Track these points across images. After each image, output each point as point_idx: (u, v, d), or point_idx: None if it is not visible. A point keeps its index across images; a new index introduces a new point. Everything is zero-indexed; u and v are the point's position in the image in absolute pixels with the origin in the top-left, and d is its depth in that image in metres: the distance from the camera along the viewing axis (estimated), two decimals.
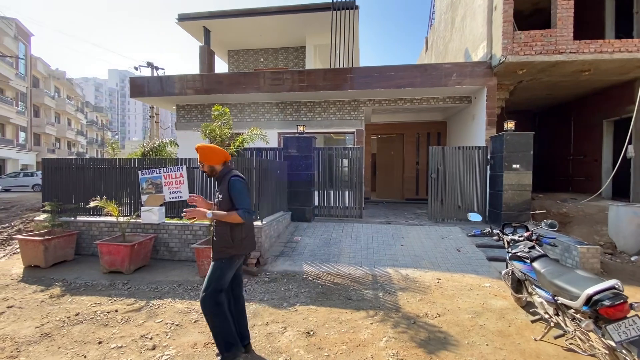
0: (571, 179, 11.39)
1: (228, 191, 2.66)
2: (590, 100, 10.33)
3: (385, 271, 5.00)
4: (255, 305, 3.88)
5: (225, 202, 2.69)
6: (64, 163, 6.32)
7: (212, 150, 2.75)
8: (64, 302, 4.02)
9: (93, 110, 48.17)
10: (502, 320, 3.50)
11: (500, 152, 6.93)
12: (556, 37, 7.54)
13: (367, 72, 8.79)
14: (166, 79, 9.89)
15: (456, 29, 11.36)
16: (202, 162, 2.76)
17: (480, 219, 4.02)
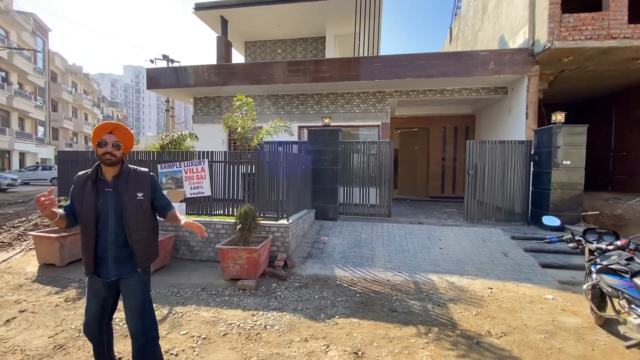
0: (611, 177, 10.59)
1: (153, 188, 2.21)
2: (636, 92, 9.49)
3: (428, 278, 4.50)
4: (289, 316, 3.45)
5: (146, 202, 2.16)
6: (80, 156, 6.03)
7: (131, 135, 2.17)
8: (80, 306, 3.68)
9: (109, 105, 48.75)
10: (581, 342, 2.96)
11: (548, 147, 6.29)
12: (609, 21, 6.82)
13: (396, 60, 8.21)
14: (183, 69, 9.53)
15: (488, 16, 10.62)
16: (118, 144, 2.05)
17: (558, 223, 3.46)
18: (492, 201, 7.02)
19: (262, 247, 4.46)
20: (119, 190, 2.08)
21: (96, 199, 2.04)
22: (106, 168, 2.08)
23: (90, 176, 2.07)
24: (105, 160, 2.03)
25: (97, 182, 2.07)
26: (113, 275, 2.08)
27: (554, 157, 6.14)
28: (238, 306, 3.68)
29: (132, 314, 2.12)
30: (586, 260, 3.22)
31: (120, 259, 2.09)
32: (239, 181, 5.52)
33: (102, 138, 2.03)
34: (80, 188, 2.06)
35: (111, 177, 2.09)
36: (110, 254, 2.06)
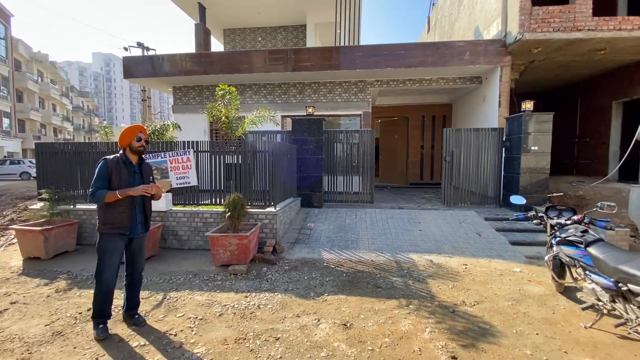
0: (576, 162, 11.34)
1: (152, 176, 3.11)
2: (599, 81, 10.14)
3: (408, 257, 4.81)
4: (281, 295, 3.65)
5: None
6: (59, 148, 5.88)
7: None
8: (73, 296, 3.73)
9: (78, 95, 46.36)
10: (544, 307, 3.34)
11: (518, 134, 6.72)
12: (575, 14, 7.24)
13: (377, 50, 8.38)
14: (162, 58, 9.30)
15: (464, 7, 10.93)
16: (146, 140, 2.99)
17: (524, 201, 3.81)
18: (467, 186, 7.43)
19: (252, 233, 4.60)
20: (142, 172, 2.98)
21: (131, 177, 2.87)
22: (133, 156, 2.93)
23: (123, 161, 2.86)
24: (140, 149, 2.92)
25: (127, 166, 2.86)
26: (139, 232, 2.98)
27: (524, 143, 6.57)
28: (231, 289, 3.84)
29: (141, 259, 3.10)
30: (548, 235, 3.59)
31: (141, 221, 2.99)
32: (225, 171, 5.59)
33: (138, 135, 2.90)
34: (116, 167, 2.80)
35: (135, 162, 2.95)
36: (138, 218, 2.95)
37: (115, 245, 2.84)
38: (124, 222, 2.80)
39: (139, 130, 2.92)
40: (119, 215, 2.78)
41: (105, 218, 2.80)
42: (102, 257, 2.85)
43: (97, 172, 2.76)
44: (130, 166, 2.88)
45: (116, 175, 2.76)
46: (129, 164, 2.87)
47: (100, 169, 2.76)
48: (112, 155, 2.86)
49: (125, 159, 2.86)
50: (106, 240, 2.83)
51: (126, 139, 2.86)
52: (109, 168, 2.76)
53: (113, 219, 2.78)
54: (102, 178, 2.74)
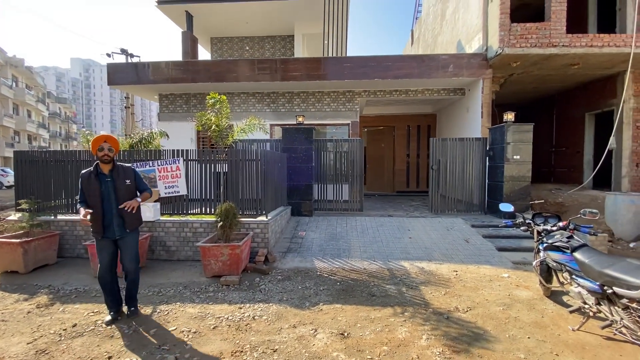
0: (554, 170, 11.85)
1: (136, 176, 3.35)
2: (573, 94, 10.71)
3: (400, 265, 4.86)
4: (276, 306, 3.61)
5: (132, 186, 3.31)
6: (40, 156, 5.65)
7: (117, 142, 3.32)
8: (55, 312, 3.55)
9: (55, 101, 44.80)
10: (533, 311, 3.45)
11: (500, 144, 6.98)
12: (550, 30, 7.66)
13: (365, 61, 8.57)
14: (148, 65, 9.17)
15: (447, 21, 11.37)
16: (111, 148, 3.16)
17: (512, 209, 3.96)
18: (454, 194, 7.62)
19: (244, 243, 4.55)
20: (114, 178, 3.18)
21: (100, 186, 3.12)
22: (103, 165, 3.16)
23: (93, 172, 3.12)
24: (103, 159, 3.12)
25: (98, 176, 3.12)
26: (117, 235, 3.22)
27: (506, 153, 6.83)
28: (224, 301, 3.77)
29: (128, 258, 3.32)
30: (535, 241, 3.73)
31: (119, 224, 3.21)
32: (216, 179, 5.53)
33: (101, 145, 3.08)
34: (87, 181, 3.11)
35: (107, 171, 3.18)
36: (114, 221, 3.18)
37: (101, 245, 3.23)
38: (97, 228, 3.16)
39: (103, 139, 3.11)
40: (94, 221, 3.12)
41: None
42: (97, 255, 3.28)
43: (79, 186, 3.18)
44: (101, 176, 3.15)
45: (86, 189, 3.12)
46: (100, 174, 3.15)
47: (79, 183, 3.16)
48: (86, 170, 3.18)
49: (96, 170, 3.14)
50: (96, 242, 3.28)
51: (93, 150, 3.12)
52: (82, 182, 3.13)
53: (92, 225, 3.14)
54: (80, 192, 3.16)
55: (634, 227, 5.69)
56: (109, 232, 3.19)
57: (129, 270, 3.35)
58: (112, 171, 3.19)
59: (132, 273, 3.37)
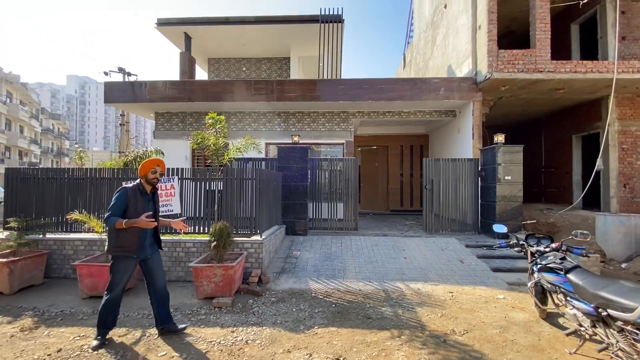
0: (544, 190, 12.05)
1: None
2: (560, 117, 11.07)
3: (396, 286, 4.82)
4: (269, 329, 3.52)
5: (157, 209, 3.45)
6: (31, 173, 5.59)
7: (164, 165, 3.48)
8: (40, 335, 3.42)
9: (49, 117, 44.63)
10: (530, 333, 3.42)
11: (492, 164, 7.12)
12: (536, 57, 8.01)
13: (359, 84, 8.80)
14: (145, 84, 9.28)
15: (437, 47, 11.81)
16: (161, 173, 3.34)
17: (505, 230, 4.00)
18: (447, 213, 7.68)
19: (238, 263, 4.48)
20: (154, 200, 3.37)
21: (145, 204, 3.22)
22: (147, 186, 3.30)
23: (140, 190, 3.24)
24: (153, 181, 3.30)
25: (142, 195, 3.23)
26: (148, 254, 3.28)
27: (497, 173, 6.96)
28: (216, 324, 3.67)
29: (160, 275, 3.40)
30: (529, 262, 3.75)
31: (151, 244, 3.32)
32: (210, 198, 5.50)
33: (154, 168, 3.27)
34: (134, 196, 3.17)
35: (149, 191, 3.32)
36: (148, 240, 3.27)
37: (126, 265, 3.20)
38: (132, 247, 3.13)
39: (156, 164, 3.30)
40: (129, 240, 3.11)
41: (117, 242, 3.12)
42: (115, 275, 3.19)
43: (115, 199, 3.10)
44: (145, 195, 3.25)
45: (133, 203, 3.13)
46: (144, 193, 3.25)
47: (119, 197, 3.11)
48: (130, 184, 3.26)
49: (141, 188, 3.24)
50: (119, 261, 3.17)
51: (143, 170, 3.25)
52: (128, 196, 3.13)
53: (123, 243, 3.10)
54: (119, 206, 3.09)
55: (624, 248, 5.77)
56: (141, 252, 3.21)
57: (163, 285, 3.40)
58: (152, 192, 3.34)
59: (165, 288, 3.44)
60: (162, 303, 3.37)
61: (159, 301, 3.35)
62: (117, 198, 3.10)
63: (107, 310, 3.19)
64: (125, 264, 3.19)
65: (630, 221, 5.93)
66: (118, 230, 3.06)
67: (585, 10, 9.40)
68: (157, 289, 3.34)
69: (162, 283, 3.38)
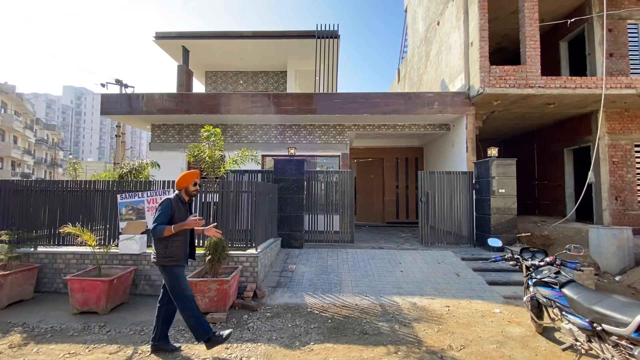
0: (538, 203, 12.17)
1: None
2: (551, 130, 11.28)
3: (392, 300, 4.79)
4: (264, 346, 3.47)
5: None
6: (24, 185, 5.54)
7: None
8: (28, 352, 3.33)
9: (44, 127, 44.44)
10: (526, 349, 3.41)
11: (486, 177, 7.21)
12: (527, 73, 8.22)
13: (354, 98, 8.94)
14: (142, 96, 9.32)
15: (431, 62, 12.08)
16: (200, 185, 3.60)
17: (500, 244, 4.03)
18: (443, 226, 7.71)
19: (232, 277, 4.44)
20: (191, 210, 3.52)
21: (185, 214, 3.32)
22: (186, 197, 3.43)
23: (180, 200, 3.36)
24: (194, 193, 3.48)
25: (183, 205, 3.36)
26: (187, 263, 3.43)
27: (492, 186, 7.04)
28: None
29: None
30: (524, 276, 3.76)
31: (187, 254, 3.41)
32: (205, 211, 5.48)
33: (195, 180, 3.43)
34: (178, 208, 3.28)
35: (187, 201, 3.45)
36: (186, 250, 3.38)
37: (181, 272, 3.28)
38: (180, 256, 3.25)
39: (196, 176, 3.44)
40: (178, 249, 3.23)
41: (166, 252, 3.20)
42: (179, 281, 3.23)
43: (162, 209, 3.20)
44: (184, 205, 3.39)
45: (177, 213, 3.25)
46: (184, 203, 3.39)
47: (165, 207, 3.22)
48: (172, 195, 3.40)
49: (181, 198, 3.38)
50: (173, 269, 3.23)
51: (184, 182, 3.37)
52: (173, 206, 3.24)
53: (172, 252, 3.21)
54: (166, 215, 3.19)
55: (618, 261, 5.82)
56: (185, 260, 3.35)
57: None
58: (189, 203, 3.51)
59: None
60: (168, 318, 3.37)
61: (167, 314, 3.34)
62: (163, 208, 3.20)
63: (197, 312, 3.24)
64: (179, 270, 3.26)
65: (622, 234, 6.00)
66: (167, 240, 3.17)
67: (573, 28, 9.73)
68: (171, 300, 3.32)
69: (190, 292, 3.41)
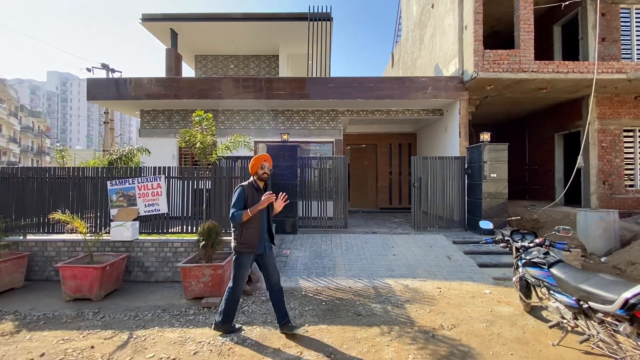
0: (527, 187, 12.36)
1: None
2: (543, 116, 11.36)
3: (385, 283, 4.87)
4: (259, 328, 3.51)
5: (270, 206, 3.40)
6: (10, 173, 5.40)
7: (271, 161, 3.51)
8: (22, 339, 3.32)
9: (29, 115, 43.15)
10: (515, 327, 3.51)
11: (478, 162, 7.25)
12: (520, 57, 8.18)
13: (348, 82, 8.82)
14: (130, 81, 9.06)
15: (425, 46, 11.94)
16: (270, 168, 3.45)
17: (491, 226, 4.09)
18: (435, 211, 7.79)
19: (227, 262, 4.44)
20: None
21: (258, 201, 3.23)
22: (260, 182, 3.41)
23: (254, 187, 3.36)
24: (263, 177, 3.41)
25: (257, 191, 3.33)
26: (266, 250, 3.38)
27: (484, 171, 7.10)
28: (205, 324, 3.63)
29: (274, 271, 3.41)
30: (514, 257, 3.84)
31: (267, 240, 3.41)
32: (198, 197, 5.43)
33: (262, 164, 3.39)
34: (251, 193, 3.30)
35: (262, 187, 3.42)
36: (264, 235, 3.37)
37: (247, 261, 3.32)
38: (254, 243, 3.27)
39: (264, 159, 3.40)
40: (252, 235, 3.26)
41: (242, 239, 3.25)
42: (238, 271, 3.31)
43: (236, 196, 3.26)
44: (259, 191, 3.35)
45: (250, 199, 3.26)
46: (258, 189, 3.36)
47: (239, 194, 3.26)
48: (245, 182, 3.39)
49: (255, 185, 3.37)
50: (242, 258, 3.30)
51: (254, 167, 3.38)
52: (246, 193, 3.27)
53: (246, 239, 3.24)
54: (241, 201, 3.24)
55: (604, 242, 5.98)
56: (260, 247, 3.31)
57: (276, 281, 3.40)
58: (264, 188, 3.41)
59: (279, 284, 3.43)
60: (277, 299, 3.38)
61: (274, 298, 3.38)
62: (237, 195, 3.25)
63: (234, 304, 3.33)
64: (246, 259, 3.30)
65: (609, 217, 6.15)
66: (242, 227, 3.22)
67: (567, 11, 9.66)
68: (272, 285, 3.37)
69: (275, 279, 3.40)
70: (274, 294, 3.39)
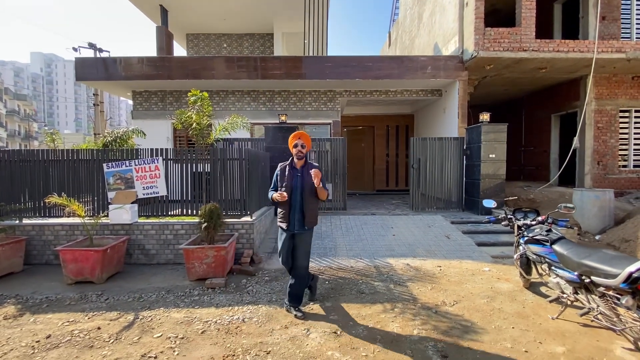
0: (523, 168, 12.47)
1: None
2: (540, 96, 11.32)
3: (386, 262, 4.93)
4: (265, 307, 3.54)
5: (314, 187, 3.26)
6: (3, 156, 5.23)
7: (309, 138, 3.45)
8: (26, 322, 3.30)
9: (14, 97, 41.76)
10: (515, 302, 3.60)
11: (476, 143, 7.25)
12: (521, 35, 8.05)
13: (346, 61, 8.62)
14: (120, 60, 8.74)
15: (424, 24, 11.67)
16: (304, 145, 3.35)
17: (494, 204, 4.12)
18: (433, 192, 7.84)
19: (229, 244, 4.44)
20: (304, 175, 3.30)
21: (292, 179, 3.30)
22: (297, 161, 3.36)
23: (289, 165, 3.37)
24: (298, 155, 3.33)
25: (292, 170, 3.34)
26: (297, 229, 3.30)
27: (482, 152, 7.10)
28: (210, 304, 3.65)
29: (299, 256, 3.36)
30: (515, 235, 3.90)
31: (299, 220, 3.29)
32: (198, 179, 5.35)
33: (295, 142, 3.34)
34: (282, 172, 3.35)
35: (299, 167, 3.36)
36: (297, 216, 3.29)
37: (282, 235, 3.37)
38: (284, 219, 3.32)
39: (297, 137, 3.36)
40: (282, 213, 3.33)
41: (277, 214, 3.41)
42: (277, 242, 3.44)
43: (274, 177, 3.44)
44: (294, 170, 3.34)
45: (281, 178, 3.34)
46: (293, 168, 3.35)
47: (274, 175, 3.43)
48: (283, 162, 3.43)
49: (291, 163, 3.38)
50: (279, 232, 3.42)
51: (290, 146, 3.39)
52: (277, 174, 3.40)
53: (279, 215, 3.36)
54: (273, 182, 3.43)
55: (599, 221, 6.11)
56: (291, 226, 3.29)
57: (299, 265, 3.36)
58: (303, 167, 3.33)
59: (302, 269, 3.38)
60: (295, 280, 3.37)
61: (293, 276, 3.39)
62: (274, 176, 3.42)
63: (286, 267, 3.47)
64: (282, 233, 3.35)
65: (605, 196, 6.25)
66: (276, 204, 3.32)
67: None
68: (295, 265, 3.37)
69: (299, 263, 3.35)
70: (294, 275, 3.40)
